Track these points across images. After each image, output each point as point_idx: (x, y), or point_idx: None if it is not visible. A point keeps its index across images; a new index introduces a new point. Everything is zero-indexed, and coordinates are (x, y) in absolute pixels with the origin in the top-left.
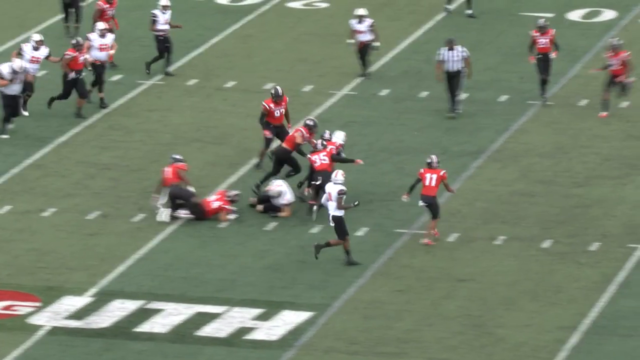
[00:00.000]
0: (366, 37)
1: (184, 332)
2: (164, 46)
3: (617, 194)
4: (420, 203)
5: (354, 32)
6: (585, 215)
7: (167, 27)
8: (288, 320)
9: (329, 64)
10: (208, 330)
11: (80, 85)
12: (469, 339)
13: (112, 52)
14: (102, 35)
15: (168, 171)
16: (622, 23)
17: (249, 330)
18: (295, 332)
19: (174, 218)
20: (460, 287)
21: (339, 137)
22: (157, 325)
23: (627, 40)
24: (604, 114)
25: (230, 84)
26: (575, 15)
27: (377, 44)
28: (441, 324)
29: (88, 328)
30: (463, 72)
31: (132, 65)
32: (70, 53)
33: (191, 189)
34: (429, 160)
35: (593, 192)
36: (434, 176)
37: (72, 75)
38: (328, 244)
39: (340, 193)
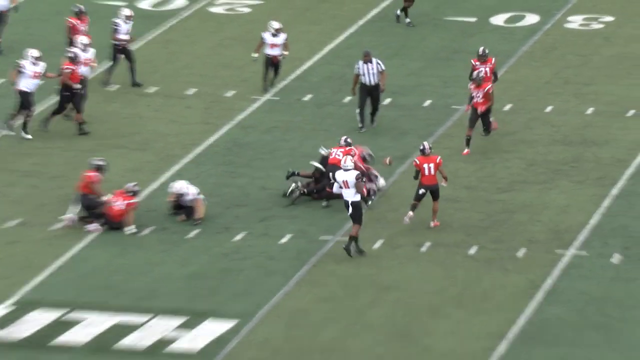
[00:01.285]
0: (278, 51)
1: (104, 343)
2: (119, 56)
3: (542, 199)
4: (422, 191)
5: (263, 45)
6: (511, 220)
7: (127, 37)
8: (211, 330)
9: (252, 68)
10: (129, 341)
11: (77, 99)
12: (395, 348)
13: (94, 65)
14: (85, 50)
15: (84, 177)
16: (544, 27)
17: (171, 340)
18: (219, 342)
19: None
20: (386, 295)
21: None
22: (77, 335)
23: (550, 45)
24: (466, 151)
25: (153, 89)
26: (499, 19)
27: (285, 53)
28: (367, 332)
29: (6, 339)
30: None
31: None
32: (68, 67)
33: (104, 198)
34: (421, 148)
35: (518, 198)
36: (432, 165)
37: (77, 86)
38: (353, 238)
39: (358, 178)
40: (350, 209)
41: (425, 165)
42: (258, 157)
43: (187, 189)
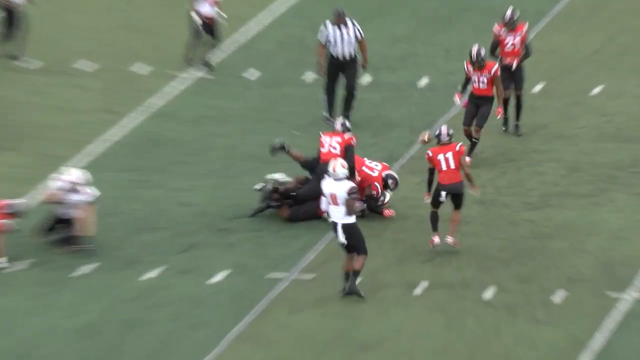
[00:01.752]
0: (211, 10)
1: None
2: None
3: (588, 218)
4: (442, 196)
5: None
6: (544, 250)
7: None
8: None
9: (171, 33)
10: None
11: None
12: None
13: None
14: None
15: None
16: None
17: None
18: None
19: None
20: (365, 357)
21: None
22: None
23: (598, 1)
24: (468, 159)
25: (32, 63)
26: None
27: (222, 14)
28: None
29: None
30: (357, 60)
31: None
32: None
33: None
34: (437, 133)
35: (554, 217)
36: (449, 155)
37: None
38: (355, 272)
39: (351, 192)
40: (343, 235)
41: (441, 157)
42: (179, 159)
43: (72, 185)
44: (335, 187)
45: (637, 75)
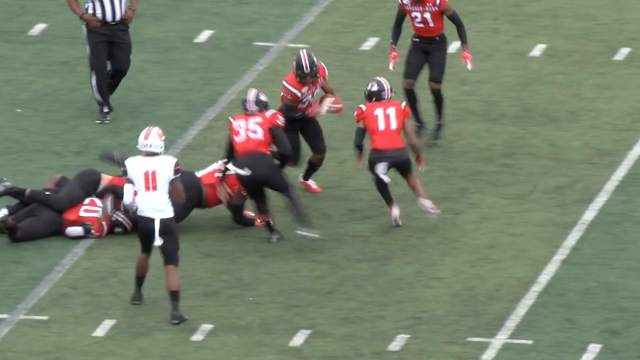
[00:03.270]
0: None
1: None
2: None
3: (440, 231)
4: (380, 168)
5: None
6: (379, 277)
7: None
8: None
9: None
10: None
11: None
12: None
13: None
14: None
15: None
16: None
17: None
18: None
19: None
20: None
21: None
22: None
23: None
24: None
25: None
26: None
27: None
28: None
29: None
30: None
31: None
32: None
33: None
34: (373, 89)
35: (393, 230)
36: (391, 111)
37: None
38: (175, 293)
39: (178, 169)
40: (159, 236)
41: (380, 113)
42: None
43: None
44: (154, 163)
45: (512, 23)
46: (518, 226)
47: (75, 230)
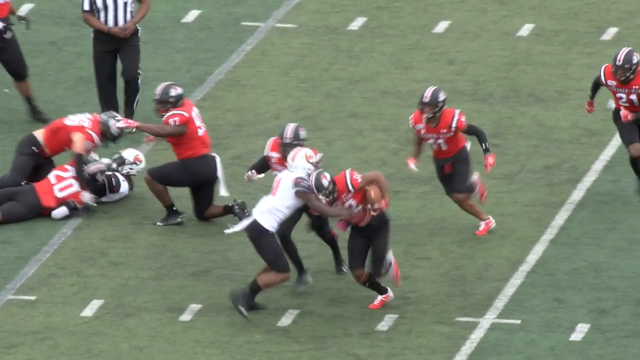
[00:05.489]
0: None
1: None
2: None
3: (427, 211)
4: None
5: None
6: None
7: None
8: None
9: None
10: None
11: None
12: None
13: None
14: None
15: None
16: None
17: None
18: None
19: None
20: None
21: None
22: None
23: None
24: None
25: None
26: None
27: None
28: None
29: None
30: None
31: None
32: None
33: None
34: (425, 101)
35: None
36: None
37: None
38: (257, 287)
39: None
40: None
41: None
42: None
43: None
44: (285, 173)
45: (500, 3)
46: (506, 206)
47: (60, 211)
